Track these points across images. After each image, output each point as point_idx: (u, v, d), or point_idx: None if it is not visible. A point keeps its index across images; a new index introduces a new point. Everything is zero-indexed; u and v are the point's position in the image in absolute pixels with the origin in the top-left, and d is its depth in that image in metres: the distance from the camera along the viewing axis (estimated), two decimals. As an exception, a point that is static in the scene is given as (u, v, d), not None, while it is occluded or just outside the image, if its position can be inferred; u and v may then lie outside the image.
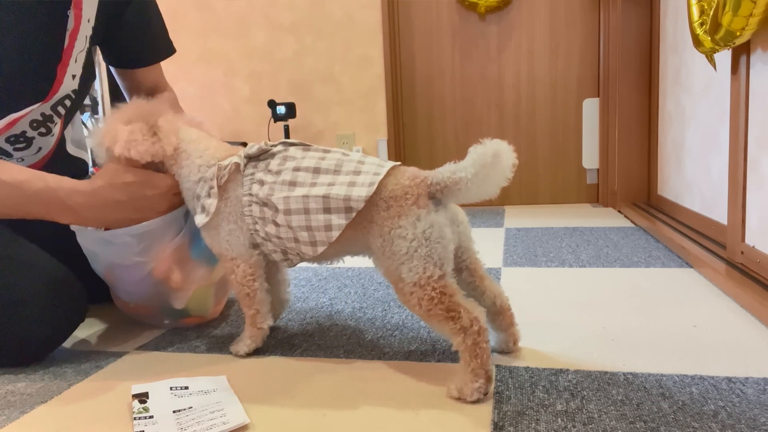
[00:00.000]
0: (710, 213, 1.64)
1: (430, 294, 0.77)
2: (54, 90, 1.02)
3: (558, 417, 0.70)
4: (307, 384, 0.84)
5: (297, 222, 0.84)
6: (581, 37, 2.53)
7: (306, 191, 0.83)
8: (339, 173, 0.84)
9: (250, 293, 0.93)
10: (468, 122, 2.68)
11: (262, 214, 0.87)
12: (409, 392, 0.79)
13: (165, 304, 1.04)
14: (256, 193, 0.87)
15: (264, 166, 0.88)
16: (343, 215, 0.81)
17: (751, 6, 1.07)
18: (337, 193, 0.81)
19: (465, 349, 0.76)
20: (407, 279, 0.78)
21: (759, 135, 1.22)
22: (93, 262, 1.03)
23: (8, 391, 0.85)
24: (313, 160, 0.86)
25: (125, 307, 1.10)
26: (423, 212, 0.78)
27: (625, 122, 2.34)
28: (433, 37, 2.65)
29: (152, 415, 0.73)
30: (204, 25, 2.77)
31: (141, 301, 1.06)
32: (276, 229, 0.87)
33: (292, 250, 0.89)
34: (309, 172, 0.85)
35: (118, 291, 1.06)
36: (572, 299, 1.18)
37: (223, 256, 0.93)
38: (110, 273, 1.02)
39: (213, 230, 0.92)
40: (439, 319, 0.77)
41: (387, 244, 0.79)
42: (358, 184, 0.81)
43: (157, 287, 1.01)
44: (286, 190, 0.84)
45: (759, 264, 1.20)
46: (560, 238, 1.82)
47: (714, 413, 0.70)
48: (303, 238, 0.85)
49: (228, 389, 0.80)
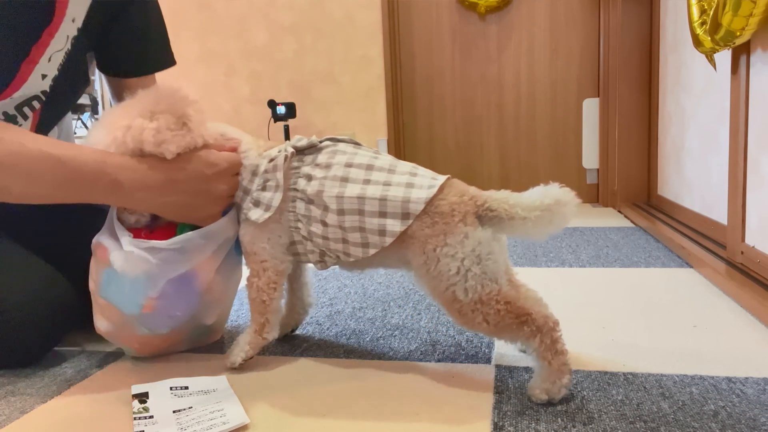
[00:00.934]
0: (710, 213, 1.64)
1: (496, 308, 0.74)
2: (14, 87, 0.93)
3: (558, 417, 0.70)
4: (307, 384, 0.84)
5: (350, 222, 0.79)
6: (581, 37, 2.53)
7: (360, 190, 0.78)
8: (394, 173, 0.80)
9: (267, 301, 0.87)
10: (468, 122, 2.68)
11: (308, 212, 0.82)
12: (409, 392, 0.79)
13: (196, 323, 0.94)
14: (303, 188, 0.82)
15: (311, 160, 0.83)
16: (399, 221, 0.77)
17: (751, 6, 1.07)
18: (395, 195, 0.77)
19: (545, 348, 0.74)
20: (465, 299, 0.75)
21: (759, 135, 1.22)
22: (130, 294, 0.85)
23: (8, 391, 0.85)
24: (366, 158, 0.82)
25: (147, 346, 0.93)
26: (470, 230, 0.75)
27: (625, 122, 2.34)
28: (433, 37, 2.65)
29: (152, 415, 0.73)
30: (204, 25, 2.77)
31: (181, 324, 0.91)
32: (323, 229, 0.81)
33: (335, 251, 0.83)
34: (362, 169, 0.80)
35: (156, 322, 0.88)
36: (572, 299, 1.18)
37: (255, 256, 0.86)
38: (154, 298, 0.86)
39: (257, 227, 0.85)
40: (512, 328, 0.74)
41: (431, 262, 0.76)
42: (417, 186, 0.77)
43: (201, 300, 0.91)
44: (338, 187, 0.79)
45: (759, 264, 1.20)
46: (560, 238, 1.82)
47: (714, 413, 0.70)
48: (354, 239, 0.80)
49: (228, 389, 0.80)
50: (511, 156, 2.65)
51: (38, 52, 0.94)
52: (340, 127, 2.73)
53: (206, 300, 0.91)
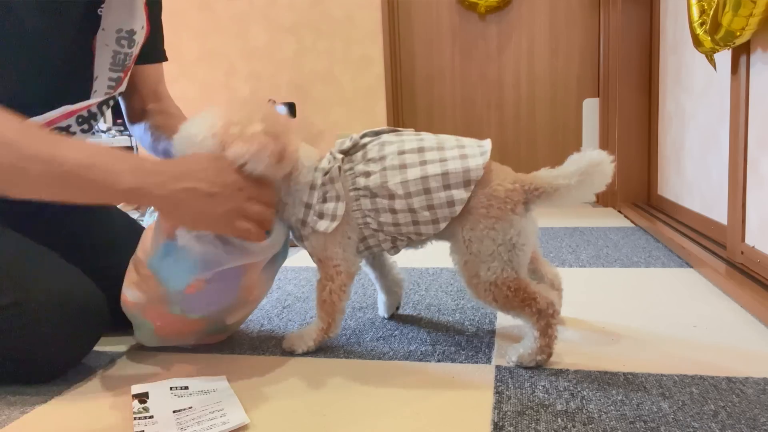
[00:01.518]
0: (710, 213, 1.64)
1: (505, 293, 0.83)
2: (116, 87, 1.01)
3: (558, 417, 0.70)
4: (307, 384, 0.84)
5: (419, 203, 0.83)
6: (581, 37, 2.53)
7: (420, 172, 0.83)
8: (444, 149, 0.85)
9: (337, 302, 0.91)
10: (468, 122, 2.68)
11: (374, 206, 0.85)
12: (409, 392, 0.79)
13: (220, 318, 0.95)
14: (364, 185, 0.85)
15: (361, 158, 0.87)
16: (463, 189, 0.82)
17: (751, 6, 1.07)
18: (455, 167, 0.82)
19: (538, 328, 0.84)
20: (484, 278, 0.84)
21: (759, 135, 1.22)
22: (183, 271, 0.85)
23: (8, 391, 0.85)
24: (414, 142, 0.86)
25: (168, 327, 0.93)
26: (517, 219, 0.83)
27: (625, 122, 2.34)
28: (433, 37, 2.65)
29: (152, 415, 0.73)
30: (204, 25, 2.77)
31: (212, 314, 0.93)
32: (393, 216, 0.85)
33: (407, 234, 0.87)
34: (414, 153, 0.84)
35: (193, 304, 0.90)
36: (572, 299, 1.18)
37: (329, 261, 0.89)
38: (203, 280, 0.87)
39: (327, 235, 0.88)
40: (516, 309, 0.84)
41: (476, 240, 0.83)
42: (470, 156, 0.84)
43: (237, 297, 0.93)
44: (399, 175, 0.83)
45: (759, 264, 1.20)
46: (560, 238, 1.82)
47: (714, 413, 0.70)
48: (424, 218, 0.84)
49: (228, 389, 0.80)
50: (511, 156, 2.65)
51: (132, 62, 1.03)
52: (340, 127, 2.73)
53: (240, 299, 0.94)
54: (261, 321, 1.12)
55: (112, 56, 1.00)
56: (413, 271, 1.46)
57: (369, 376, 0.85)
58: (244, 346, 0.99)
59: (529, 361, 0.85)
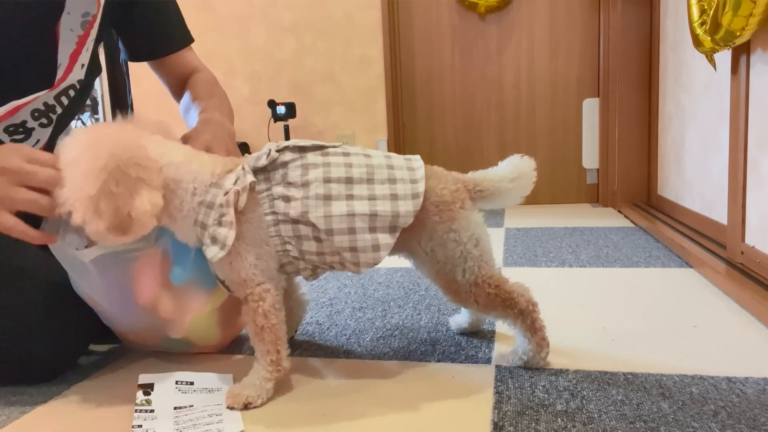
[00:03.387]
0: (710, 213, 1.64)
1: (487, 291, 0.82)
2: (62, 78, 0.95)
3: (558, 417, 0.70)
4: (307, 384, 0.84)
5: (339, 243, 0.77)
6: (581, 37, 2.53)
7: (346, 207, 0.76)
8: (373, 182, 0.79)
9: (276, 325, 0.79)
10: (468, 122, 2.68)
11: (297, 233, 0.78)
12: (409, 392, 0.79)
13: (163, 335, 0.91)
14: (284, 211, 0.77)
15: (281, 178, 0.78)
16: (388, 234, 0.78)
17: (751, 6, 1.07)
18: (384, 210, 0.77)
19: (526, 328, 0.84)
20: (462, 280, 0.82)
21: (759, 135, 1.22)
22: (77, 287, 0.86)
23: (8, 391, 0.85)
24: (341, 168, 0.79)
25: (125, 336, 0.94)
26: (470, 214, 0.82)
27: (625, 122, 2.34)
28: (433, 37, 2.65)
29: (153, 409, 0.73)
30: (204, 25, 2.77)
31: (138, 330, 0.91)
32: (318, 245, 0.78)
33: (329, 264, 0.81)
34: (341, 183, 0.78)
35: (112, 321, 0.91)
36: (572, 299, 1.18)
37: (248, 282, 0.79)
38: (91, 299, 0.87)
39: (233, 258, 0.78)
40: (498, 310, 0.83)
41: (439, 248, 0.81)
42: (401, 197, 0.78)
43: (148, 317, 0.87)
44: (323, 206, 0.76)
45: (759, 264, 1.20)
46: (560, 238, 1.82)
47: (714, 413, 0.70)
48: (347, 258, 0.78)
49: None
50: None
51: (82, 43, 0.96)
52: (340, 127, 2.73)
53: (157, 318, 0.86)
54: (261, 321, 1.12)
55: (76, 42, 0.95)
56: (413, 271, 1.46)
57: (369, 376, 0.85)
58: (244, 347, 0.99)
59: (535, 362, 0.85)
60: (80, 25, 0.95)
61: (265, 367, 0.79)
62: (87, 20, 0.96)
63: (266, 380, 0.79)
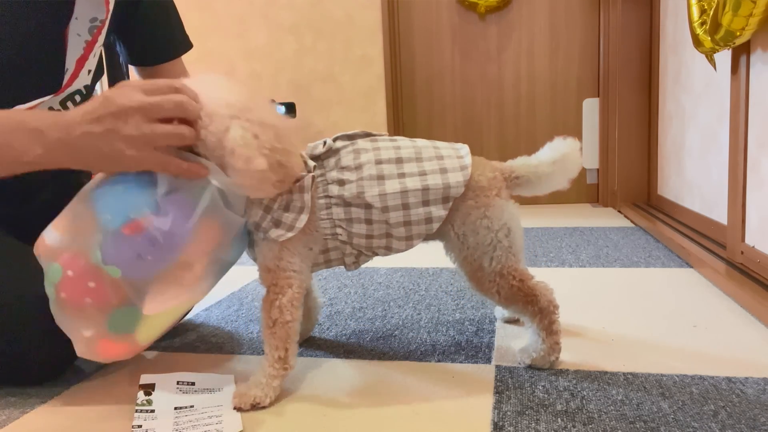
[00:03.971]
0: (710, 213, 1.64)
1: (511, 283, 0.82)
2: (68, 84, 0.95)
3: (558, 417, 0.70)
4: (307, 384, 0.84)
5: (395, 218, 0.79)
6: (581, 37, 2.53)
7: (399, 185, 0.79)
8: (422, 160, 0.82)
9: (290, 322, 0.78)
10: (468, 122, 2.68)
11: (348, 215, 0.80)
12: (409, 392, 0.79)
13: (134, 294, 0.74)
14: (338, 194, 0.79)
15: (333, 164, 0.81)
16: (441, 205, 0.80)
17: (751, 6, 1.07)
18: (435, 183, 0.80)
19: (543, 328, 0.84)
20: (488, 269, 0.82)
21: (759, 135, 1.22)
22: (125, 201, 0.75)
23: (8, 391, 0.85)
24: (390, 150, 0.81)
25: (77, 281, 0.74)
26: (505, 203, 0.83)
27: (625, 122, 2.34)
28: (433, 37, 2.65)
29: (153, 409, 0.73)
30: (204, 25, 2.77)
31: (129, 278, 0.74)
32: (367, 227, 0.80)
33: (376, 248, 0.83)
34: (392, 163, 0.80)
35: (117, 252, 0.73)
36: (572, 299, 1.18)
37: (279, 272, 0.79)
38: (142, 224, 0.73)
39: (283, 243, 0.79)
40: (519, 303, 0.84)
41: (471, 233, 0.82)
42: (450, 169, 0.81)
43: (168, 269, 0.76)
44: (377, 186, 0.79)
45: (759, 264, 1.20)
46: (560, 238, 1.82)
47: (714, 413, 0.70)
48: (399, 233, 0.81)
49: (233, 391, 0.80)
50: (511, 156, 2.64)
51: (89, 48, 0.95)
52: (340, 127, 2.73)
53: (171, 273, 0.75)
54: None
55: (83, 47, 0.95)
56: (413, 271, 1.46)
57: (369, 376, 0.85)
58: (244, 347, 0.99)
59: (543, 363, 0.84)
60: (88, 31, 0.95)
61: (272, 363, 0.78)
62: (95, 26, 0.96)
63: (273, 378, 0.77)
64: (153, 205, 0.73)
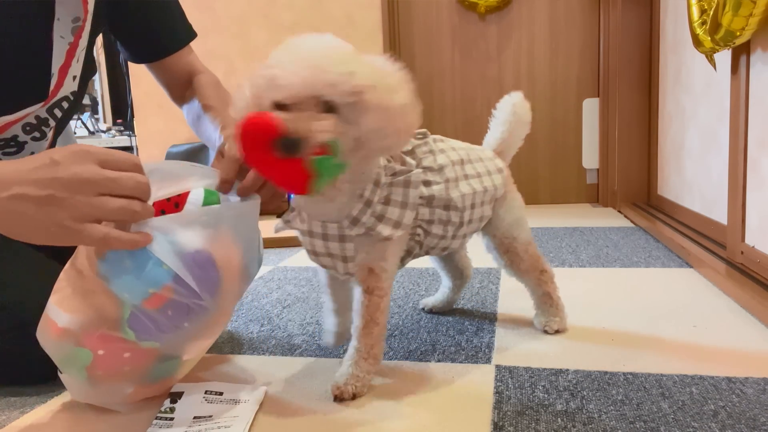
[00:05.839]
0: (710, 213, 1.64)
1: (531, 252, 0.96)
2: (53, 94, 0.93)
3: (558, 417, 0.70)
4: (307, 384, 0.84)
5: (467, 219, 0.85)
6: (581, 37, 2.53)
7: (469, 187, 0.85)
8: (471, 162, 0.88)
9: (384, 323, 0.80)
10: (468, 122, 2.68)
11: (431, 216, 0.81)
12: (409, 392, 0.79)
13: (173, 352, 0.75)
14: (428, 195, 0.80)
15: (416, 165, 0.81)
16: (489, 206, 0.90)
17: (751, 6, 1.07)
18: (489, 185, 0.88)
19: (552, 291, 0.98)
20: (521, 238, 0.95)
21: (759, 135, 1.22)
22: (141, 276, 0.69)
23: (8, 391, 0.85)
24: (453, 152, 0.86)
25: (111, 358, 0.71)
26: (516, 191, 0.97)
27: (625, 122, 2.34)
28: (433, 37, 2.65)
29: (173, 417, 0.72)
30: (204, 25, 2.77)
31: (168, 341, 0.73)
32: (443, 228, 0.83)
33: (434, 248, 0.88)
34: (458, 165, 0.86)
35: (149, 325, 0.70)
36: (572, 299, 1.18)
37: (384, 274, 0.78)
38: (170, 289, 0.70)
39: (391, 243, 0.78)
40: (536, 273, 0.97)
41: (507, 213, 0.94)
42: (493, 172, 0.90)
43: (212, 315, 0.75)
44: (456, 188, 0.83)
45: (759, 264, 1.20)
46: (560, 238, 1.82)
47: (714, 413, 0.70)
48: (462, 233, 0.87)
49: (256, 404, 0.76)
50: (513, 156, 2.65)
51: (71, 55, 0.93)
52: (340, 127, 2.73)
53: (212, 324, 0.75)
54: (261, 321, 1.12)
55: (65, 54, 0.91)
56: (413, 271, 1.46)
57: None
58: (244, 347, 0.99)
59: (563, 326, 0.98)
60: (71, 32, 0.92)
61: (367, 359, 0.79)
62: (77, 26, 0.93)
63: (368, 372, 0.79)
64: (168, 274, 0.68)
